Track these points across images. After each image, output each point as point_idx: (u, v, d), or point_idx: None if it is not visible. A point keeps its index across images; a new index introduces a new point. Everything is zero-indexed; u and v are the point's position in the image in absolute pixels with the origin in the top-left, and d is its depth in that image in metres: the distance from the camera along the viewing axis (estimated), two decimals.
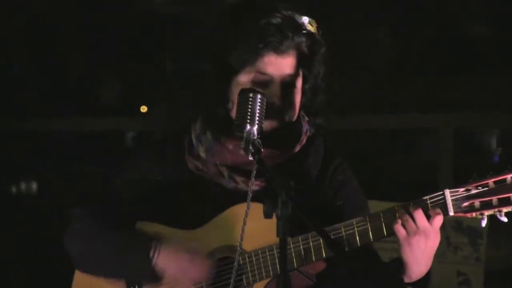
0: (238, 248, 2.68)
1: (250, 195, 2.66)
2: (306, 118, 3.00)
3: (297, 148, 2.95)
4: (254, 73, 2.86)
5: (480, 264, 5.35)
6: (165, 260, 2.82)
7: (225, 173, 2.90)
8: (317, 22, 2.97)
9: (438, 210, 2.67)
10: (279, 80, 2.85)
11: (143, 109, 6.99)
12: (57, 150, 7.04)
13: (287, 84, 2.87)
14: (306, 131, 2.98)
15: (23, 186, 7.35)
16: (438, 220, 2.67)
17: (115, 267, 2.89)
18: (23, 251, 6.60)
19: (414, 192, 2.75)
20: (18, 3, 6.72)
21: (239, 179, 2.88)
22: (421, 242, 2.67)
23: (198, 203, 2.92)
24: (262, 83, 2.85)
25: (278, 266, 2.76)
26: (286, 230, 2.47)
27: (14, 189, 7.32)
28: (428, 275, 2.78)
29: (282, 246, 2.48)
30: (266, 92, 2.80)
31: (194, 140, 2.95)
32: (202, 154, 2.93)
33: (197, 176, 2.95)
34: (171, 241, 2.88)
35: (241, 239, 2.67)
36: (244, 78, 2.87)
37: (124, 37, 6.76)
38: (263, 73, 2.85)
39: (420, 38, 6.70)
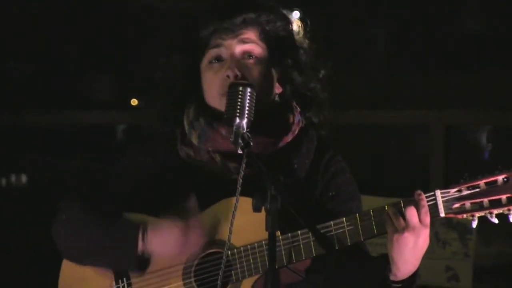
0: (227, 242, 2.67)
1: (239, 188, 2.66)
2: (299, 109, 2.99)
3: (289, 138, 2.94)
4: (209, 49, 2.91)
5: (469, 259, 5.35)
6: (154, 241, 2.80)
7: (218, 159, 2.89)
8: (314, 17, 3.00)
9: (425, 204, 2.64)
10: (231, 52, 2.88)
11: (134, 102, 6.99)
12: (48, 143, 7.03)
13: (244, 55, 2.90)
14: (299, 121, 2.97)
15: (13, 179, 7.33)
16: (425, 213, 2.64)
17: (101, 255, 2.87)
18: (12, 243, 6.59)
19: (406, 188, 2.74)
20: None
21: (231, 165, 2.87)
22: (409, 240, 2.63)
23: (189, 193, 2.89)
24: (218, 58, 2.89)
25: (267, 263, 2.75)
26: (275, 224, 2.46)
27: (3, 182, 7.30)
28: (414, 275, 2.73)
29: (271, 240, 2.47)
30: (223, 65, 2.87)
31: (186, 127, 2.95)
32: (195, 141, 2.92)
33: (189, 165, 2.94)
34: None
35: (230, 233, 2.66)
36: (205, 61, 2.92)
37: (115, 30, 6.75)
38: (216, 46, 2.89)
39: (412, 36, 6.71)
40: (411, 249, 2.65)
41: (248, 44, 2.89)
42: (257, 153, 2.73)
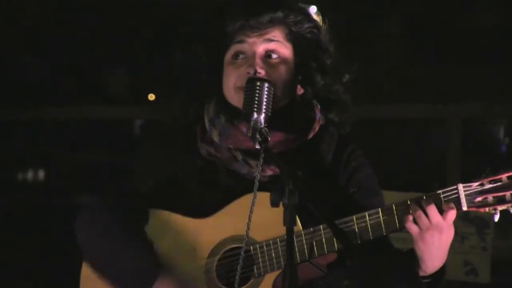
0: (245, 237, 2.68)
1: (257, 183, 2.66)
2: (319, 106, 2.99)
3: (310, 135, 2.95)
4: (233, 44, 2.90)
5: (487, 253, 5.34)
6: None
7: (239, 157, 2.89)
8: (327, 11, 3.00)
9: (452, 205, 2.66)
10: (254, 50, 2.87)
11: (151, 97, 6.99)
12: (65, 138, 7.05)
13: (267, 54, 2.89)
14: (319, 119, 2.97)
15: (30, 174, 7.37)
16: (452, 214, 2.65)
17: (114, 280, 2.89)
18: (29, 239, 6.61)
19: (423, 182, 2.74)
20: None
21: (253, 162, 2.86)
22: (435, 237, 2.66)
23: (211, 190, 2.91)
24: (241, 54, 2.89)
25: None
26: (293, 219, 2.47)
27: (21, 177, 7.33)
28: (443, 268, 2.77)
29: (289, 235, 2.47)
30: (245, 61, 2.86)
31: (207, 124, 2.95)
32: (215, 138, 2.92)
33: (210, 162, 2.94)
34: (184, 231, 2.88)
35: (248, 228, 2.67)
36: (228, 56, 2.92)
37: (132, 24, 6.76)
38: (239, 41, 2.89)
39: (428, 29, 6.69)
40: (437, 246, 2.68)
41: (273, 43, 2.89)
42: (279, 151, 2.74)
